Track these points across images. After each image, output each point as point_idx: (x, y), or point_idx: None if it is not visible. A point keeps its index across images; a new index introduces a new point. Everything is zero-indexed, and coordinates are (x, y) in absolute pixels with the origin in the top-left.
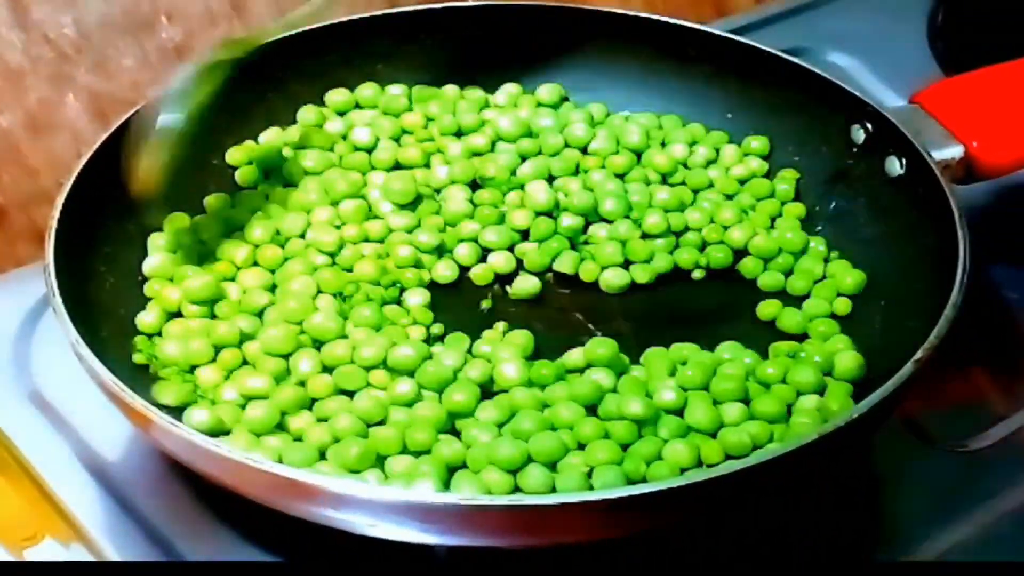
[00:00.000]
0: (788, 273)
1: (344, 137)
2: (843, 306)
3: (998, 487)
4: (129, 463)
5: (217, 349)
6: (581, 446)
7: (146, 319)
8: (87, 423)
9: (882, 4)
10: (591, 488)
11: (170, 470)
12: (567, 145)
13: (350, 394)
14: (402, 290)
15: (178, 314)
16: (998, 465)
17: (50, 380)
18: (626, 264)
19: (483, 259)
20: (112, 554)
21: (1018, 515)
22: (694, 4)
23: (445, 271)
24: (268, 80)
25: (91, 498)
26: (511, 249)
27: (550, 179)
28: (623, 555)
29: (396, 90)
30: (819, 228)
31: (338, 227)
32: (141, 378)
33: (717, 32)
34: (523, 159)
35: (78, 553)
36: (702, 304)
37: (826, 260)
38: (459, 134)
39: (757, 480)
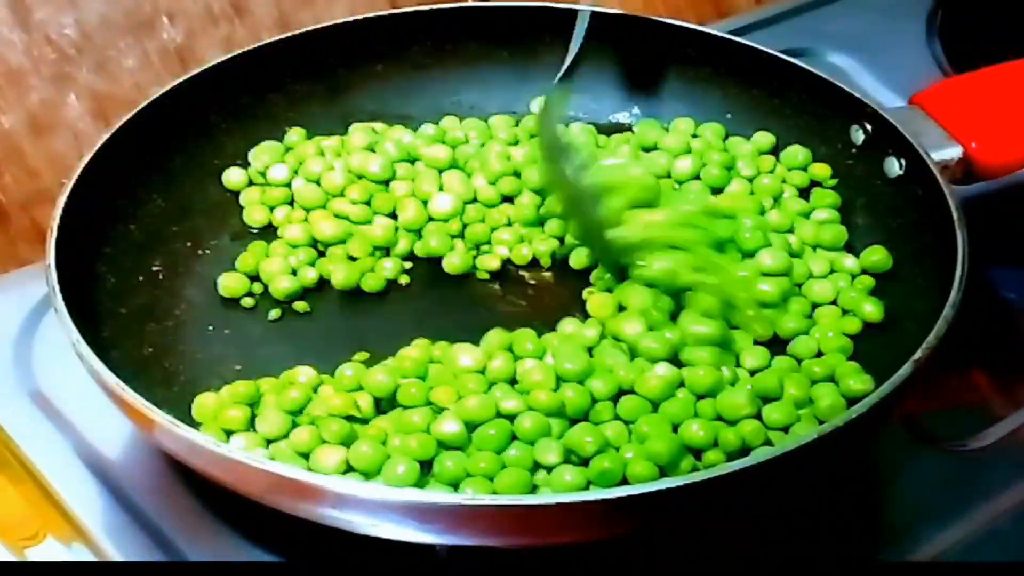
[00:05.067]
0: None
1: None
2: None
3: (997, 486)
4: (130, 462)
5: None
6: None
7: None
8: (89, 422)
9: (881, 5)
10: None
11: (171, 469)
12: None
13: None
14: None
15: None
16: (997, 464)
17: (51, 379)
18: None
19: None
20: (113, 553)
21: (1017, 514)
22: (694, 5)
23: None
24: (268, 81)
25: (92, 497)
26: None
27: None
28: (622, 555)
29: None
30: None
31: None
32: (142, 378)
33: (717, 33)
34: None
35: (79, 552)
36: None
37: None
38: None
39: (755, 481)
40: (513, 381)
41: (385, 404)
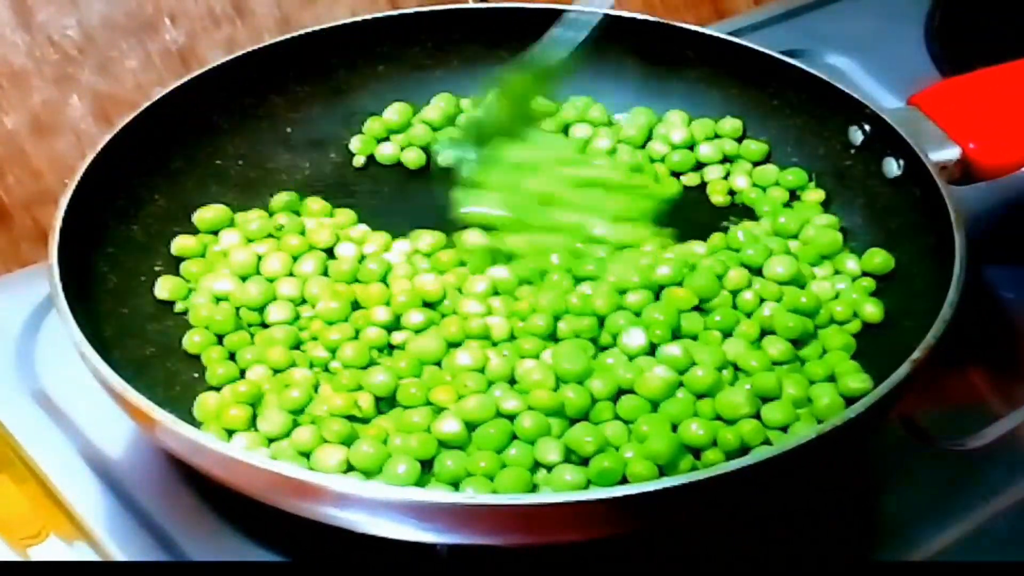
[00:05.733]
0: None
1: None
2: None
3: (995, 486)
4: (133, 461)
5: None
6: None
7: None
8: (91, 422)
9: (879, 6)
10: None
11: (174, 468)
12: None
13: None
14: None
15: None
16: (995, 464)
17: (54, 379)
18: None
19: None
20: (115, 552)
21: (1015, 514)
22: (693, 6)
23: None
24: (270, 81)
25: (95, 496)
26: None
27: None
28: (622, 554)
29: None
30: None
31: None
32: (144, 377)
33: (716, 34)
34: None
35: (82, 551)
36: None
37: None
38: None
39: (754, 480)
40: (512, 380)
41: (384, 405)
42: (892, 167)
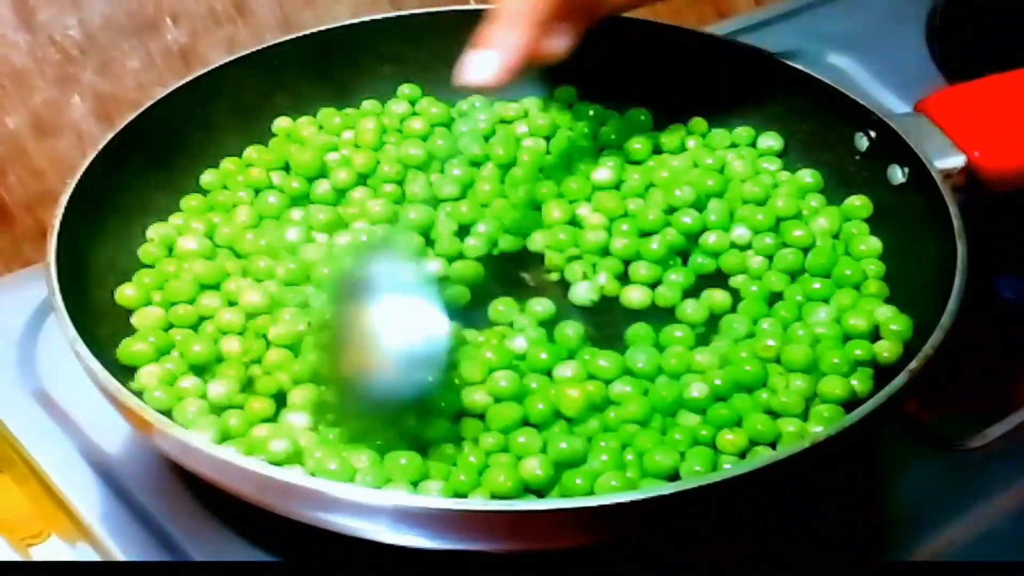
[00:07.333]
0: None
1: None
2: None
3: (997, 486)
4: (134, 461)
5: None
6: None
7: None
8: (92, 422)
9: (881, 5)
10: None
11: (174, 469)
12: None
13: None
14: None
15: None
16: (997, 464)
17: (55, 379)
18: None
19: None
20: (117, 552)
21: (1017, 514)
22: (694, 6)
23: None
24: (274, 81)
25: (96, 496)
26: None
27: None
28: (624, 556)
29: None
30: None
31: None
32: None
33: (720, 36)
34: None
35: (83, 551)
36: None
37: None
38: None
39: (747, 488)
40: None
41: None
42: (897, 174)
